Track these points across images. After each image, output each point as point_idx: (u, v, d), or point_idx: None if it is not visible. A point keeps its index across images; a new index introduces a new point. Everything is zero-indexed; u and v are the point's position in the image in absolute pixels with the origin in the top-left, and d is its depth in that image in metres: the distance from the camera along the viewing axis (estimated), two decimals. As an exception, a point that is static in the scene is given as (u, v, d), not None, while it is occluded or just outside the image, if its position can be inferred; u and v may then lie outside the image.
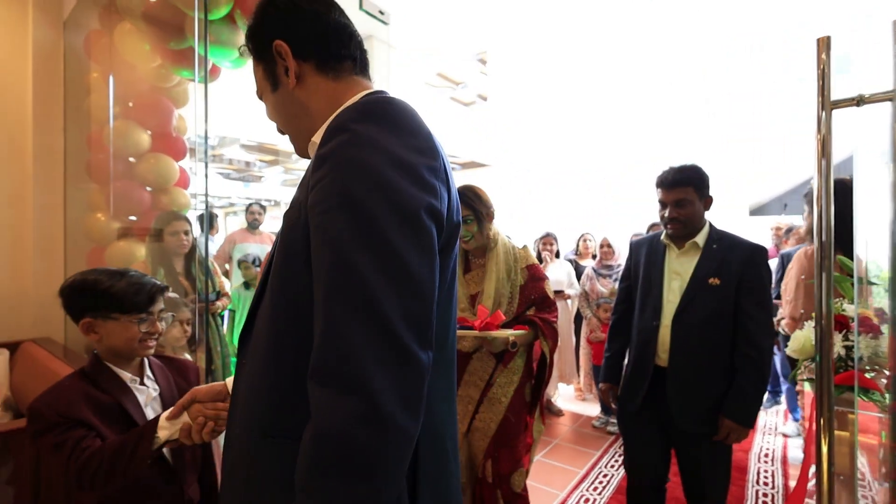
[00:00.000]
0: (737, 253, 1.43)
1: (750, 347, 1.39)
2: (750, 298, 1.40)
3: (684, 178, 1.46)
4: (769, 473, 2.55)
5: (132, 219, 2.30)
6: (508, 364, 1.54)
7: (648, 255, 1.59)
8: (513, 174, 8.02)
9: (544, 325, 1.54)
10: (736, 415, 1.39)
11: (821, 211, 0.98)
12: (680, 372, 1.45)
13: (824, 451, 0.99)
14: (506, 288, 1.54)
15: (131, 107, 2.18)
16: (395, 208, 0.50)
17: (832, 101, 0.95)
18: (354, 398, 0.45)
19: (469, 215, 1.51)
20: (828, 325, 0.97)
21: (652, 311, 1.51)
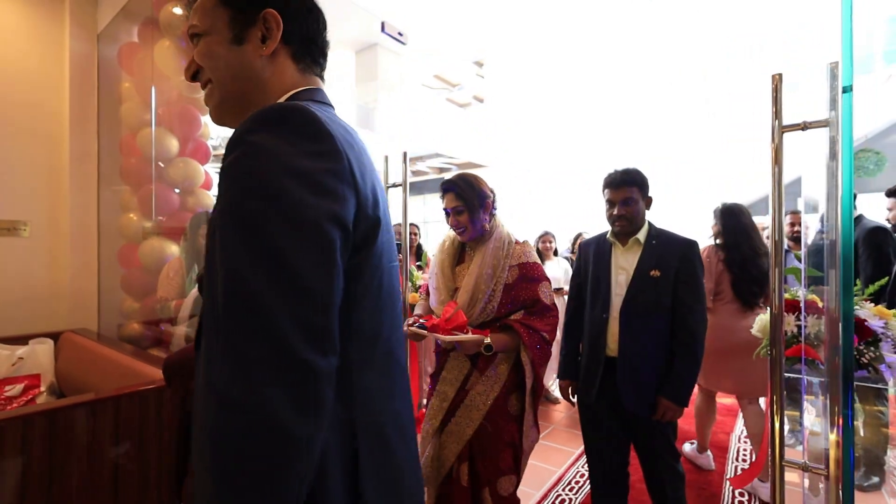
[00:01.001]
0: (673, 248, 1.55)
1: (685, 333, 1.51)
2: (685, 289, 1.52)
3: (630, 178, 1.59)
4: (747, 451, 2.79)
5: (161, 218, 2.48)
6: (487, 371, 1.42)
7: (596, 253, 1.69)
8: (510, 175, 8.23)
9: (525, 331, 1.38)
10: (671, 394, 1.50)
11: (774, 214, 1.20)
12: (628, 359, 1.55)
13: (776, 427, 1.21)
14: (487, 285, 1.41)
15: (164, 115, 2.36)
16: (289, 219, 0.50)
17: (783, 127, 1.18)
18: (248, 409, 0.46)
19: (459, 206, 1.44)
20: (779, 314, 1.19)
21: (602, 305, 1.61)
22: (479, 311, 1.41)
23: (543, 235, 3.79)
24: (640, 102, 5.77)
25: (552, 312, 1.44)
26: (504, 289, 1.42)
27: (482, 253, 1.44)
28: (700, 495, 2.28)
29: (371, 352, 0.63)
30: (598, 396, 1.61)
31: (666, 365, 1.53)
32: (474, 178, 1.48)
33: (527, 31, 4.30)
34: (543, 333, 1.39)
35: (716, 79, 4.91)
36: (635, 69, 5.02)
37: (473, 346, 1.35)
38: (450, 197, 1.46)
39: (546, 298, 1.44)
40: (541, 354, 1.39)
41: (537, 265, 1.47)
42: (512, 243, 1.49)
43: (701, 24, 4.02)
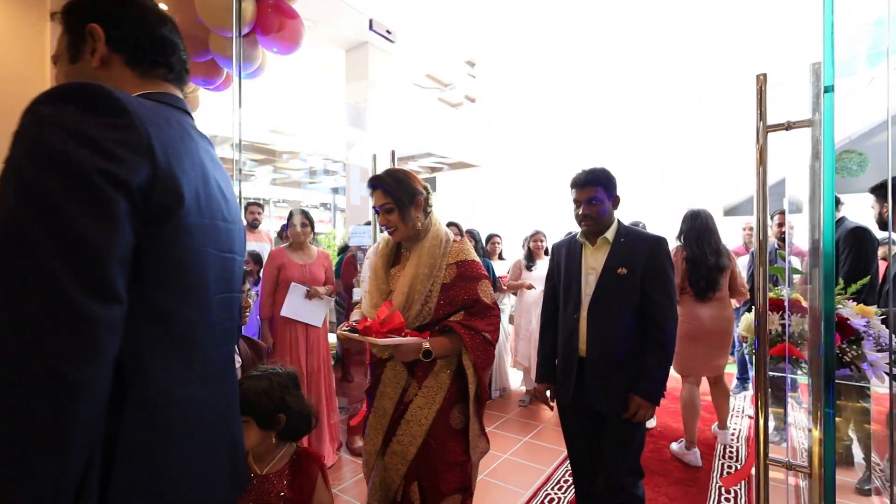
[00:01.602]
0: (641, 245, 1.55)
1: (655, 330, 1.50)
2: (654, 286, 1.51)
3: (594, 178, 1.58)
4: (734, 449, 2.83)
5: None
6: (426, 381, 1.33)
7: (567, 254, 1.69)
8: (502, 174, 8.24)
9: (465, 332, 1.29)
10: (643, 391, 1.48)
11: (758, 213, 1.21)
12: (596, 358, 1.54)
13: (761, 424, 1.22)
14: (424, 285, 1.33)
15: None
16: (65, 174, 0.52)
17: (768, 126, 1.19)
18: (25, 357, 0.48)
19: (387, 203, 1.35)
20: (764, 312, 1.20)
21: (573, 305, 1.60)
22: (416, 314, 1.32)
23: (535, 234, 3.79)
24: (634, 101, 5.81)
25: (493, 312, 1.37)
26: (441, 289, 1.34)
27: (418, 252, 1.36)
28: (687, 493, 2.30)
29: (162, 329, 0.64)
30: (573, 398, 1.60)
31: (637, 363, 1.52)
32: (404, 173, 1.39)
33: (518, 30, 4.30)
34: (485, 334, 1.32)
35: (710, 77, 4.94)
36: (628, 68, 5.04)
37: (412, 352, 1.26)
38: (378, 194, 1.36)
39: (486, 297, 1.37)
40: (483, 357, 1.31)
41: (475, 263, 1.40)
42: (450, 241, 1.41)
43: (694, 22, 4.04)
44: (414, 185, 1.38)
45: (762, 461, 1.23)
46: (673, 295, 1.54)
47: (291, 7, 1.99)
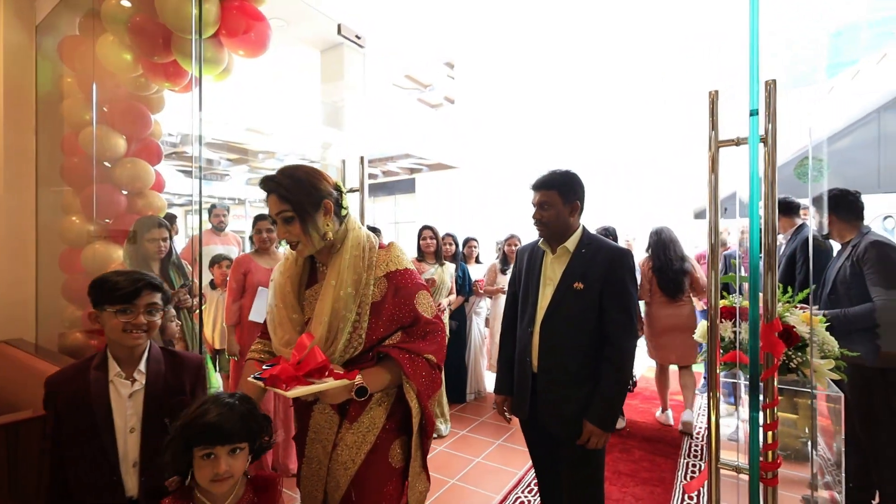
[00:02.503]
0: (601, 257, 1.42)
1: (611, 348, 1.38)
2: (612, 301, 1.39)
3: (549, 181, 1.46)
4: (699, 448, 2.91)
5: (107, 221, 2.36)
6: (359, 418, 1.10)
7: (529, 260, 1.58)
8: (481, 176, 8.27)
9: (405, 358, 1.07)
10: (594, 417, 1.36)
11: (711, 221, 1.26)
12: (546, 375, 1.45)
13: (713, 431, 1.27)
14: (349, 309, 1.07)
15: (109, 113, 2.24)
16: None
17: (719, 141, 1.23)
18: None
19: (285, 210, 1.06)
20: (715, 320, 1.24)
21: (529, 318, 1.50)
22: (344, 346, 1.07)
23: (509, 238, 3.80)
24: (607, 104, 5.92)
25: (437, 328, 1.14)
26: (372, 309, 1.09)
27: (336, 268, 1.09)
28: (653, 493, 2.36)
29: None
30: (530, 414, 1.51)
31: (591, 385, 1.41)
32: (305, 172, 1.10)
33: (496, 32, 4.33)
34: (428, 356, 1.10)
35: (676, 82, 5.07)
36: (601, 72, 5.14)
37: (341, 394, 1.03)
38: (272, 200, 1.08)
39: (426, 311, 1.13)
40: (428, 383, 1.10)
41: (409, 272, 1.15)
42: (374, 248, 1.15)
43: (660, 30, 4.15)
44: (318, 184, 1.09)
45: (714, 463, 1.28)
46: (633, 311, 1.42)
47: (258, 9, 1.96)
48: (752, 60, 0.94)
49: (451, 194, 8.57)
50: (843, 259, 2.05)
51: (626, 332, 1.40)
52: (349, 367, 1.08)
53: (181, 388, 1.21)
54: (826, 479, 2.08)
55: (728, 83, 1.33)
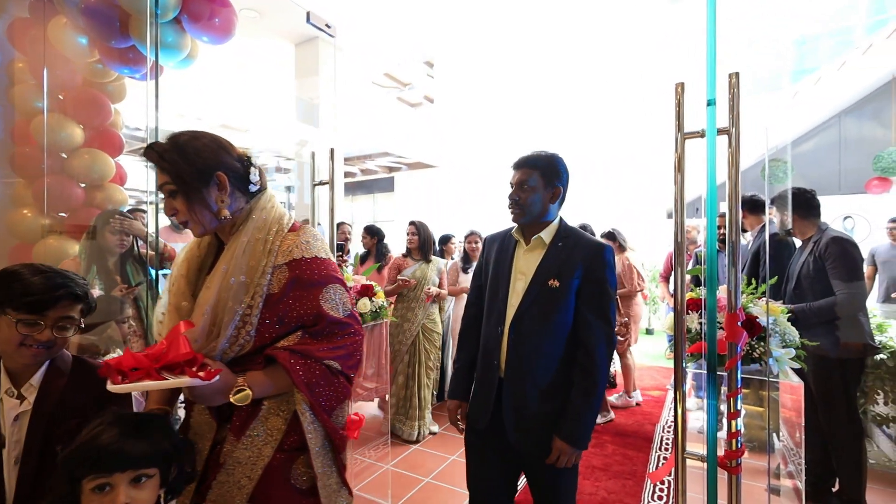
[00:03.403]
0: (579, 252, 1.29)
1: (584, 356, 1.26)
2: (588, 302, 1.27)
3: (532, 160, 1.35)
4: (670, 441, 2.96)
5: (62, 215, 2.24)
6: (248, 431, 0.93)
7: (499, 251, 1.42)
8: (460, 175, 8.27)
9: (297, 362, 0.92)
10: (564, 433, 1.23)
11: (677, 216, 1.27)
12: (515, 381, 1.29)
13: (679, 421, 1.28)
14: (238, 299, 0.92)
15: (64, 100, 2.13)
16: None
17: (685, 133, 1.24)
18: None
19: (167, 183, 0.93)
20: (681, 312, 1.25)
21: (497, 315, 1.34)
22: (230, 341, 0.92)
23: (469, 235, 3.66)
24: (590, 101, 6.00)
25: (348, 329, 0.98)
26: (267, 302, 0.94)
27: (230, 252, 0.95)
28: (625, 486, 2.39)
29: None
30: (490, 424, 1.34)
31: (563, 395, 1.28)
32: (195, 139, 0.95)
33: (474, 32, 4.33)
34: (329, 362, 0.94)
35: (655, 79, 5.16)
36: (584, 68, 5.20)
37: (217, 395, 0.88)
38: (158, 171, 0.94)
39: (334, 309, 0.97)
40: (329, 393, 0.94)
41: (317, 262, 0.97)
42: (282, 231, 0.99)
43: (635, 27, 4.22)
44: (210, 154, 0.94)
45: (681, 454, 1.29)
46: (611, 314, 1.28)
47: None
48: (709, 52, 0.95)
49: (430, 193, 8.55)
50: (806, 255, 2.12)
51: (601, 338, 1.26)
52: (238, 366, 0.94)
53: (81, 408, 0.95)
54: (789, 469, 2.14)
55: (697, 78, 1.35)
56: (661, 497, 2.30)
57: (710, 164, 0.98)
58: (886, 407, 2.58)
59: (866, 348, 1.98)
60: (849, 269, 1.95)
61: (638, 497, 2.29)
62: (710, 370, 0.95)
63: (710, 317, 0.93)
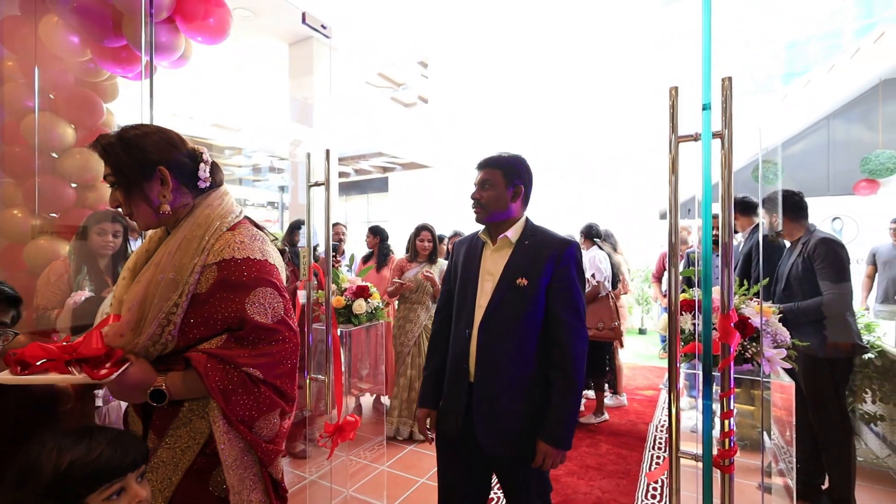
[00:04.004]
0: (547, 250, 1.28)
1: (559, 356, 1.24)
2: (559, 299, 1.26)
3: (494, 160, 1.36)
4: (663, 440, 2.99)
5: (54, 216, 2.21)
6: (169, 431, 0.91)
7: (467, 254, 1.40)
8: (454, 176, 8.28)
9: (212, 368, 0.87)
10: (548, 435, 1.22)
11: (671, 218, 1.28)
12: (485, 385, 1.27)
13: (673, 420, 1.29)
14: (165, 297, 0.90)
15: (55, 100, 2.10)
16: None
17: (679, 136, 1.25)
18: None
19: (108, 174, 0.94)
20: (675, 313, 1.27)
21: (466, 318, 1.32)
22: (152, 339, 0.89)
23: (452, 237, 3.64)
24: (585, 102, 6.03)
25: (276, 336, 0.93)
26: (192, 301, 0.91)
27: (165, 248, 0.94)
28: (619, 485, 2.41)
29: None
30: (462, 432, 1.31)
31: (538, 397, 1.26)
32: (142, 132, 0.94)
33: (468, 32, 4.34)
34: (249, 370, 0.89)
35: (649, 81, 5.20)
36: (579, 69, 5.23)
37: (135, 393, 0.87)
38: (105, 164, 0.95)
39: (261, 314, 0.92)
40: (247, 403, 0.89)
41: (249, 262, 0.93)
42: (220, 230, 0.96)
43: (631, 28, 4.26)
44: (153, 150, 0.93)
45: (674, 453, 1.30)
46: (581, 310, 1.27)
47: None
48: (704, 56, 0.96)
49: (425, 193, 8.55)
50: (795, 256, 2.15)
51: (574, 334, 1.25)
52: (164, 365, 0.92)
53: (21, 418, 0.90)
54: (780, 467, 2.17)
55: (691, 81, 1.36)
56: (654, 496, 2.32)
57: (705, 168, 1.00)
58: (874, 405, 2.63)
59: (854, 348, 2.02)
60: (836, 270, 1.99)
61: (632, 496, 2.31)
62: (705, 371, 0.96)
63: (706, 318, 0.94)
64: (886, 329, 2.60)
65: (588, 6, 3.86)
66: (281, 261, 1.04)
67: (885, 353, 2.48)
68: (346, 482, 2.40)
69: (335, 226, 3.35)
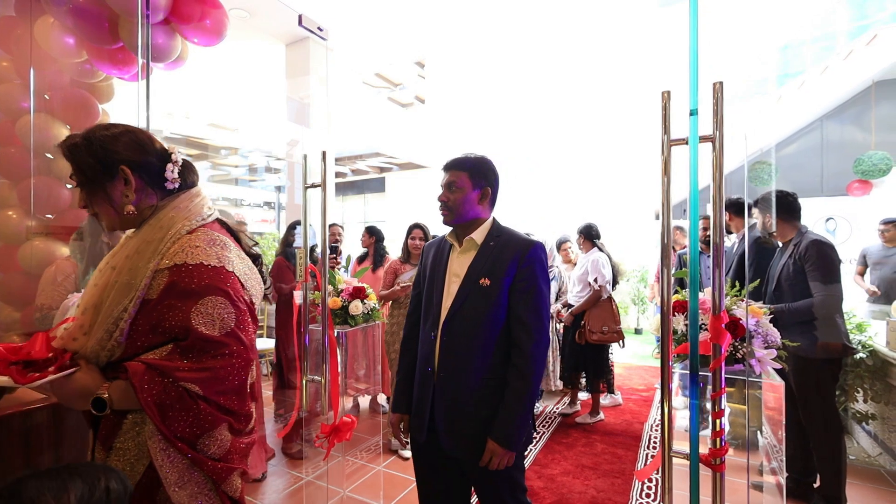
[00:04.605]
0: (510, 250, 1.28)
1: (518, 356, 1.24)
2: (520, 300, 1.25)
3: (460, 162, 1.34)
4: (658, 439, 3.01)
5: (49, 216, 2.21)
6: (116, 441, 0.87)
7: (435, 256, 1.41)
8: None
9: (148, 379, 0.82)
10: (496, 434, 1.20)
11: (664, 219, 1.30)
12: (447, 386, 1.27)
13: (665, 419, 1.31)
14: (118, 300, 0.88)
15: (50, 100, 2.10)
16: None
17: (671, 139, 1.27)
18: None
19: (72, 174, 0.94)
20: (668, 313, 1.28)
21: (432, 320, 1.32)
22: (100, 344, 0.87)
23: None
24: (581, 103, 6.05)
25: (222, 350, 0.87)
26: (143, 307, 0.87)
27: (124, 250, 0.93)
28: (613, 484, 2.42)
29: None
30: (428, 436, 1.30)
31: (500, 397, 1.25)
32: (108, 131, 0.93)
33: (466, 33, 4.35)
34: (187, 384, 0.83)
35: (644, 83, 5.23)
36: (575, 70, 5.24)
37: (74, 398, 0.84)
38: (71, 164, 0.95)
39: (208, 325, 0.86)
40: (185, 419, 0.83)
41: (201, 269, 0.88)
42: (180, 233, 0.92)
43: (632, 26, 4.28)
44: (116, 150, 0.91)
45: (667, 452, 1.32)
46: (544, 312, 1.26)
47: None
48: (692, 63, 0.98)
49: (422, 194, 8.56)
50: (786, 257, 2.17)
51: (534, 336, 1.23)
52: (112, 373, 0.88)
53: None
54: (772, 465, 2.20)
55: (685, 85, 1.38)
56: (648, 495, 2.34)
57: (692, 171, 1.02)
58: (866, 404, 2.66)
59: (844, 349, 2.04)
60: (826, 272, 2.01)
61: (627, 495, 2.32)
62: (692, 371, 0.98)
63: (693, 319, 0.96)
64: (878, 329, 2.63)
65: (586, 7, 3.88)
66: (247, 268, 1.00)
67: (876, 352, 2.51)
68: (342, 482, 2.41)
69: (332, 227, 3.35)
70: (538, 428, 3.20)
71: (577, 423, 3.27)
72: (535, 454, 2.77)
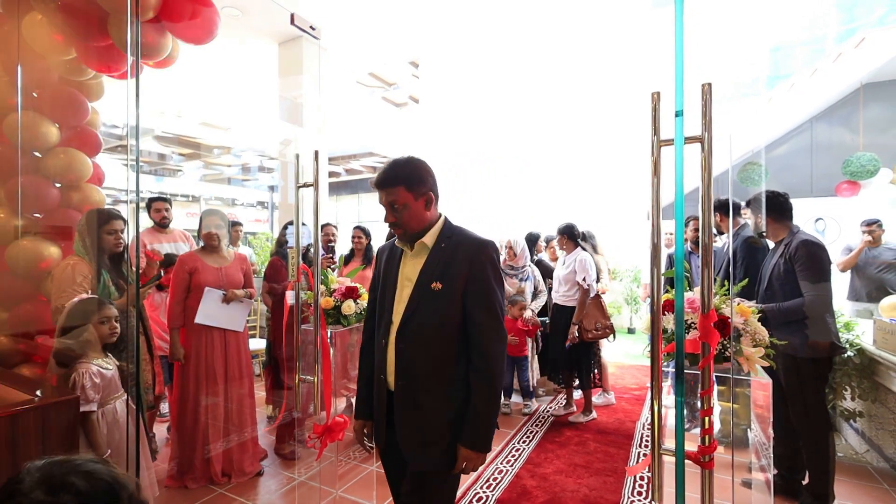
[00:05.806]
0: (462, 251, 1.24)
1: (478, 358, 1.21)
2: (475, 302, 1.22)
3: (392, 176, 1.25)
4: (648, 438, 3.03)
5: (37, 216, 2.18)
6: None
7: (387, 261, 1.37)
8: (444, 176, 8.29)
9: None
10: (467, 440, 1.19)
11: (653, 220, 1.31)
12: (404, 393, 1.24)
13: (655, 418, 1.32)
14: None
15: (38, 98, 2.08)
16: None
17: (661, 140, 1.28)
18: None
19: None
20: (658, 312, 1.29)
21: (385, 326, 1.30)
22: None
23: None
24: (575, 103, 6.07)
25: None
26: None
27: None
28: (605, 483, 2.44)
29: None
30: (388, 443, 1.30)
31: (460, 402, 1.23)
32: None
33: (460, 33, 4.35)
34: None
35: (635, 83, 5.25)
36: (569, 71, 5.26)
37: None
38: None
39: None
40: None
41: None
42: None
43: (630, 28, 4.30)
44: None
45: (657, 450, 1.33)
46: (499, 311, 1.24)
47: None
48: (677, 65, 0.99)
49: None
50: (777, 257, 2.19)
51: (492, 336, 1.22)
52: None
53: None
54: (761, 462, 2.22)
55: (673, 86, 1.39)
56: (640, 492, 2.36)
57: (678, 172, 1.03)
58: (853, 402, 2.69)
59: (832, 347, 2.07)
60: (816, 272, 2.03)
61: (619, 493, 2.34)
62: (678, 369, 0.99)
63: (678, 317, 0.97)
64: (865, 328, 2.67)
65: (579, 8, 3.90)
66: None
67: (863, 351, 2.55)
68: (334, 483, 2.41)
69: (326, 227, 3.33)
70: (531, 427, 3.21)
71: (570, 422, 3.28)
72: (527, 453, 2.79)
